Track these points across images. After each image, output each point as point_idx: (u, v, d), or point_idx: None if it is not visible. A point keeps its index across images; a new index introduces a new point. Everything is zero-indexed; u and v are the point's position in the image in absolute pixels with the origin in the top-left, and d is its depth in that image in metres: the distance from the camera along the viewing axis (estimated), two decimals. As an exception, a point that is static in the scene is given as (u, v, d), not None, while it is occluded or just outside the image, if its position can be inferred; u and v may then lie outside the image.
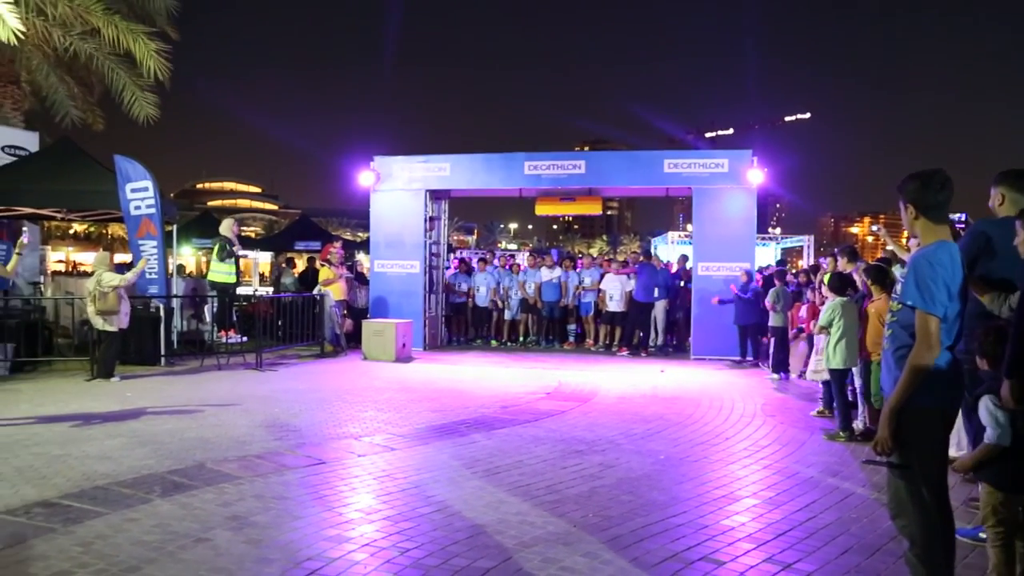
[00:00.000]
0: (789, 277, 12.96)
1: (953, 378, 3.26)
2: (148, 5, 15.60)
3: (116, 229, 44.89)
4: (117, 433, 7.03)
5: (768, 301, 11.52)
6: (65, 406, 8.38)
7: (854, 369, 7.65)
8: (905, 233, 4.02)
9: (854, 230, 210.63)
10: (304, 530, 4.57)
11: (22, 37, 13.74)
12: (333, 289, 13.97)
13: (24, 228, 13.52)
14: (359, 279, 15.84)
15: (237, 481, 5.52)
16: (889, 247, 7.94)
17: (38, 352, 11.08)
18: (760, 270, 14.98)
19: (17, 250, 8.52)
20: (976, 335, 4.08)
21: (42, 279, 15.39)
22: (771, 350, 11.81)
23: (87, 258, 40.66)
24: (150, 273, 11.67)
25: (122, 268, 12.26)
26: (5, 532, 4.40)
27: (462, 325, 16.80)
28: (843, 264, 8.73)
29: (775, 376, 11.35)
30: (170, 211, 12.92)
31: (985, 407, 3.69)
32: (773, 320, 11.46)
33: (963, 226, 5.71)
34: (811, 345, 11.14)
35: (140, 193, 11.69)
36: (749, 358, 12.99)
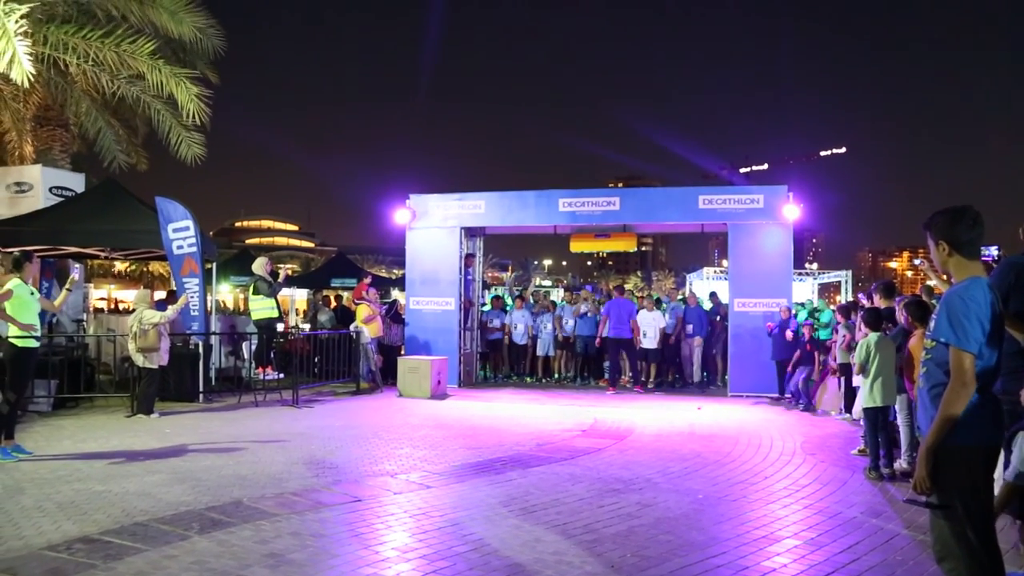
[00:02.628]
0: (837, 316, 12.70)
1: (992, 415, 3.20)
2: (192, 48, 16.01)
3: (156, 267, 45.70)
4: (156, 469, 7.11)
5: (837, 340, 11.30)
6: (106, 442, 8.50)
7: (895, 407, 7.52)
8: None
9: (893, 265, 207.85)
10: (341, 568, 4.57)
11: (75, 82, 14.22)
12: (369, 327, 14.09)
13: (76, 266, 13.86)
14: (393, 318, 15.96)
15: (274, 518, 5.55)
16: (931, 282, 7.84)
17: (80, 388, 11.26)
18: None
19: (68, 286, 8.72)
20: (1021, 373, 4.00)
21: (85, 316, 15.71)
22: (841, 388, 11.41)
23: (128, 295, 41.39)
24: (193, 310, 11.88)
25: (162, 305, 12.48)
26: (47, 568, 4.46)
27: (497, 362, 16.80)
28: (879, 300, 8.61)
29: (848, 416, 10.91)
30: (210, 250, 13.16)
31: (1021, 444, 3.61)
32: (840, 358, 10.91)
33: (992, 259, 5.62)
34: (843, 382, 11.01)
35: (182, 232, 11.94)
36: (787, 395, 12.80)
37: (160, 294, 18.62)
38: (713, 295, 16.88)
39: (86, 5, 14.69)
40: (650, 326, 14.69)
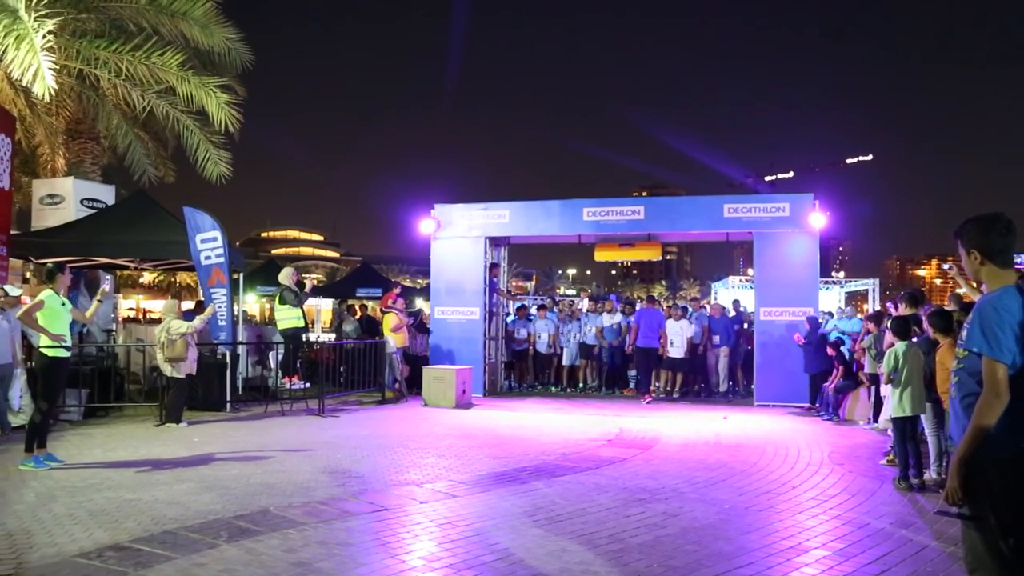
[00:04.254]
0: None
1: None
2: (220, 62, 16.22)
3: (184, 277, 46.24)
4: (185, 478, 7.19)
5: (860, 345, 11.17)
6: (135, 451, 8.61)
7: (923, 417, 7.43)
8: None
9: (921, 272, 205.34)
10: (367, 577, 4.59)
11: (106, 95, 14.45)
12: (395, 336, 14.15)
13: (107, 277, 14.06)
14: (418, 327, 16.02)
15: (301, 527, 5.58)
16: (961, 289, 7.75)
17: (110, 398, 11.41)
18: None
19: (99, 297, 8.84)
20: None
21: (115, 327, 15.91)
22: (871, 398, 11.26)
23: (156, 306, 41.88)
24: (221, 320, 12.00)
25: (190, 315, 12.62)
26: (80, 575, 4.52)
27: (522, 371, 16.80)
28: (903, 309, 8.52)
29: (876, 426, 10.61)
30: (237, 260, 13.29)
31: None
32: (869, 367, 10.77)
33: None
34: (872, 392, 10.89)
35: (210, 243, 12.07)
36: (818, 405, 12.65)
37: (188, 304, 18.82)
38: (736, 303, 16.79)
39: (118, 20, 14.96)
40: (677, 335, 14.63)
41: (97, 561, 4.76)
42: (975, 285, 6.98)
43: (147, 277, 49.72)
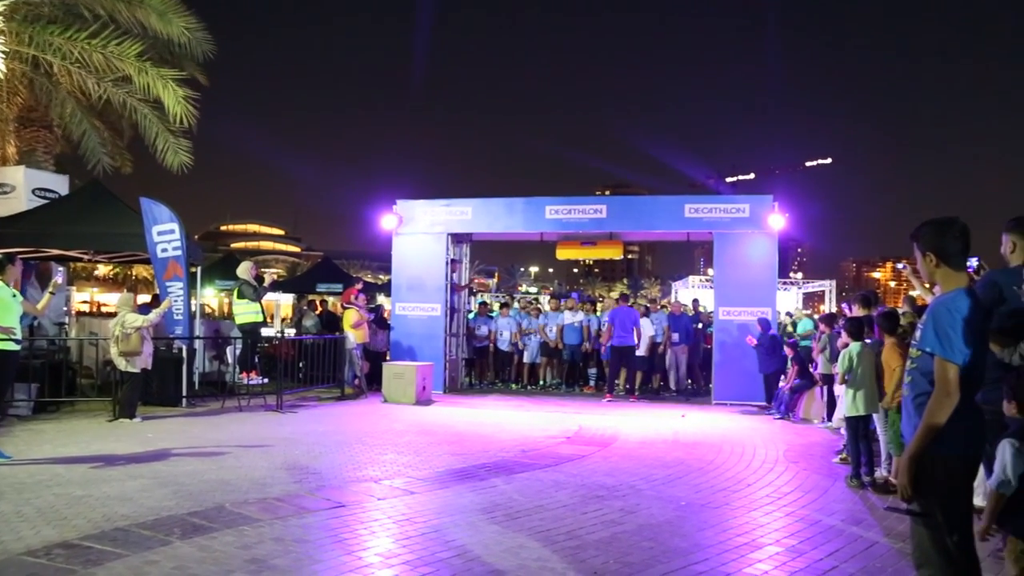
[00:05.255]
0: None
1: (975, 425, 3.24)
2: (180, 52, 15.93)
3: (140, 271, 45.44)
4: (138, 474, 7.07)
5: (816, 345, 11.32)
6: (87, 447, 8.44)
7: (876, 416, 7.57)
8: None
9: (876, 275, 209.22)
10: (324, 574, 4.56)
11: (60, 83, 14.10)
12: (356, 332, 14.05)
13: (59, 269, 13.75)
14: (379, 323, 15.93)
15: (257, 524, 5.52)
16: (915, 291, 7.91)
17: (61, 392, 11.17)
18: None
19: (51, 289, 8.66)
20: (1007, 379, 4.06)
21: (67, 320, 15.58)
22: (825, 398, 11.44)
23: (111, 299, 41.14)
24: (176, 314, 11.80)
25: (145, 308, 12.40)
26: (26, 574, 4.42)
27: (483, 368, 16.79)
28: (856, 310, 8.68)
29: (830, 425, 10.85)
30: (195, 253, 13.09)
31: (1006, 452, 3.66)
32: (822, 367, 10.91)
33: (973, 270, 5.68)
34: (825, 391, 11.08)
35: (167, 236, 11.86)
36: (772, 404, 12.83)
37: (144, 298, 18.50)
38: (695, 303, 16.95)
39: (73, 6, 14.62)
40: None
41: (45, 559, 4.66)
42: (928, 287, 7.13)
43: (102, 270, 48.74)
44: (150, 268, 12.89)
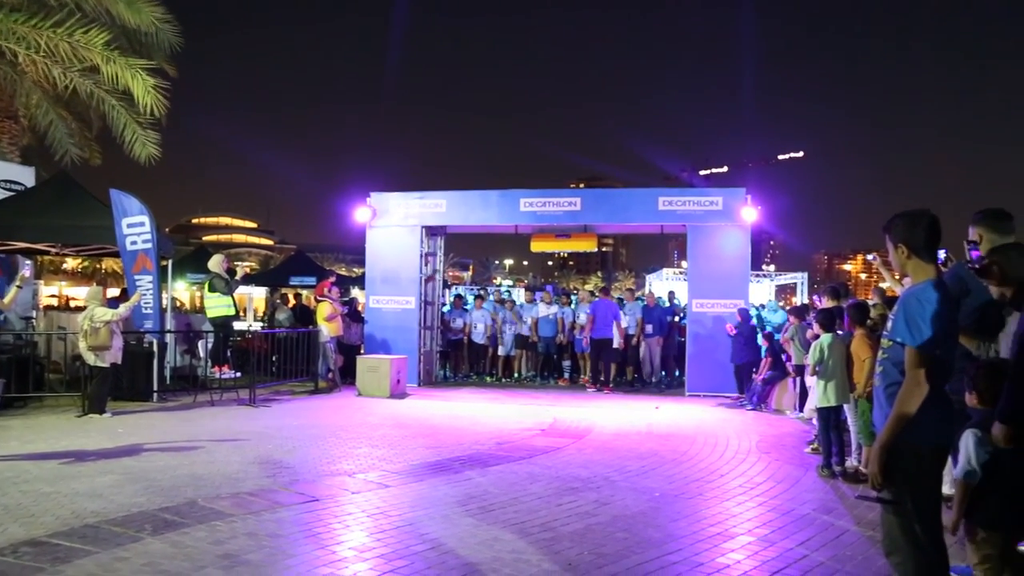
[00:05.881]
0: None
1: (944, 414, 3.28)
2: (149, 41, 15.71)
3: (110, 264, 44.77)
4: (108, 470, 6.98)
5: (785, 336, 11.39)
6: (56, 442, 8.31)
7: (847, 407, 7.65)
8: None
9: (847, 267, 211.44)
10: (297, 569, 4.53)
11: (25, 72, 13.83)
12: (329, 325, 13.97)
13: (27, 263, 13.53)
14: (353, 316, 15.84)
15: (229, 519, 5.47)
16: (885, 283, 7.99)
17: (29, 388, 10.99)
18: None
19: (18, 283, 8.52)
20: (968, 370, 4.11)
21: (35, 314, 15.35)
22: (797, 389, 11.50)
23: (80, 293, 40.54)
24: (146, 308, 11.65)
25: (115, 302, 12.24)
26: (-7, 570, 4.36)
27: (458, 361, 16.77)
28: (826, 302, 8.76)
29: (802, 416, 10.85)
30: (166, 247, 12.93)
31: (969, 442, 3.71)
32: (795, 358, 10.82)
33: (941, 262, 5.73)
34: (798, 383, 11.18)
35: (136, 228, 11.69)
36: (745, 395, 12.94)
37: (113, 291, 18.27)
38: (671, 295, 17.03)
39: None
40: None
41: (11, 557, 4.58)
42: (898, 278, 7.21)
43: (71, 263, 48.01)
44: (119, 261, 12.70)
